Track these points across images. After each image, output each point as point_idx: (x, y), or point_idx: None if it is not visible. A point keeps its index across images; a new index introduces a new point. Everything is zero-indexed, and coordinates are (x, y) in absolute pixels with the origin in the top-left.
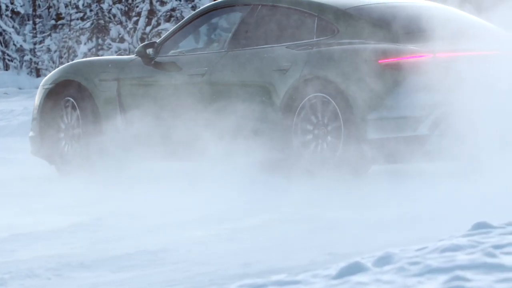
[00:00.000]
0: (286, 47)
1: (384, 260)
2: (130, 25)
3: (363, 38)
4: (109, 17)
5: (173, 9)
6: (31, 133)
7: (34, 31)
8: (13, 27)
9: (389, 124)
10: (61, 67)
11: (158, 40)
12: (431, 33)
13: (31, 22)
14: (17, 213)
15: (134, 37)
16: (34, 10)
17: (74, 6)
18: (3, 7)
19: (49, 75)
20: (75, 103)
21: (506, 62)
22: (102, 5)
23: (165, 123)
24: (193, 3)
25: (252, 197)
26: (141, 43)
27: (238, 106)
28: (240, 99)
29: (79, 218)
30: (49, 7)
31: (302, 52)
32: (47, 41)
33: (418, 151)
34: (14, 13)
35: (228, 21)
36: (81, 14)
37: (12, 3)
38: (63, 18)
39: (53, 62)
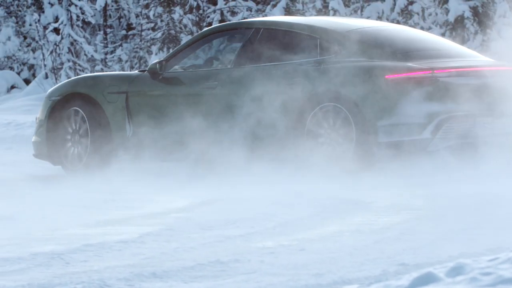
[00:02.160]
0: (295, 64)
1: (456, 271)
2: None
3: (362, 57)
4: (180, 28)
5: (244, 19)
6: (34, 138)
7: (105, 41)
8: (84, 37)
9: (397, 129)
10: (66, 81)
11: (164, 57)
12: (422, 52)
13: (102, 32)
14: (86, 224)
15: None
16: (105, 20)
17: (145, 16)
18: (74, 17)
19: (54, 88)
20: (83, 112)
21: (493, 76)
22: (173, 15)
23: (176, 130)
24: (263, 14)
25: (321, 208)
26: None
27: (250, 115)
28: (252, 109)
29: (150, 228)
30: (120, 17)
31: (312, 68)
32: (118, 51)
33: (421, 152)
34: (85, 23)
35: (230, 42)
36: (152, 24)
37: (83, 13)
38: (134, 28)
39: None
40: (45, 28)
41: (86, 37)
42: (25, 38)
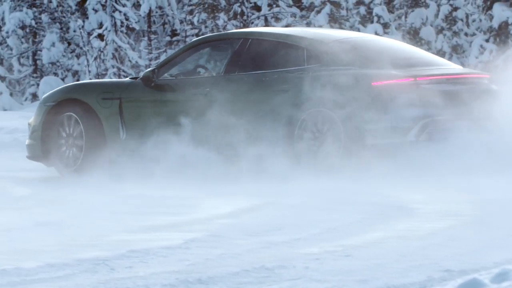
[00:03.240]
0: (284, 72)
1: (501, 277)
2: None
3: (347, 65)
4: None
5: (288, 25)
6: (29, 141)
7: (149, 47)
8: (128, 43)
9: (383, 132)
10: (60, 88)
11: (157, 65)
12: (403, 61)
13: (146, 38)
14: (131, 230)
15: None
16: (149, 26)
17: (189, 23)
18: (118, 23)
19: (48, 94)
20: (77, 117)
21: (469, 83)
22: (217, 21)
23: (169, 133)
24: (307, 20)
25: (366, 214)
26: None
27: (240, 120)
28: (242, 114)
29: (194, 234)
30: (164, 24)
31: (301, 75)
32: (163, 57)
33: (406, 153)
34: (129, 29)
35: (220, 51)
36: (196, 31)
37: (127, 19)
38: (178, 35)
39: None
40: (89, 34)
41: (131, 43)
42: (69, 44)
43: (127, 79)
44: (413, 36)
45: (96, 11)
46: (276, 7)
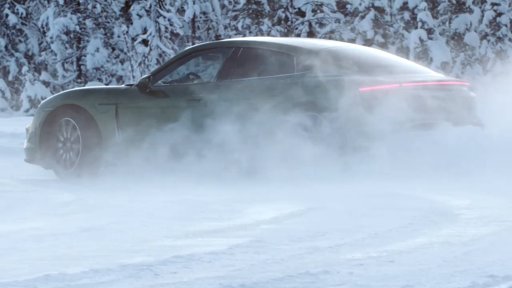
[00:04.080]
0: (274, 78)
1: None
2: None
3: (335, 72)
4: None
5: (332, 31)
6: (27, 145)
7: None
8: (172, 48)
9: (369, 135)
10: (57, 94)
11: (152, 72)
12: (388, 68)
13: (190, 43)
14: (175, 235)
15: None
16: (194, 31)
17: (233, 28)
18: (163, 28)
19: (46, 100)
20: (74, 122)
21: (449, 89)
22: (261, 27)
23: (161, 137)
24: (351, 25)
25: (410, 219)
26: None
27: (233, 125)
28: (234, 119)
29: (239, 240)
30: (208, 29)
31: (291, 82)
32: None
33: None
34: (173, 34)
35: (213, 59)
36: (241, 36)
37: (171, 25)
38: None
39: None
40: (133, 39)
41: (175, 48)
42: (113, 49)
43: (123, 85)
44: (457, 41)
45: (140, 16)
46: (320, 13)
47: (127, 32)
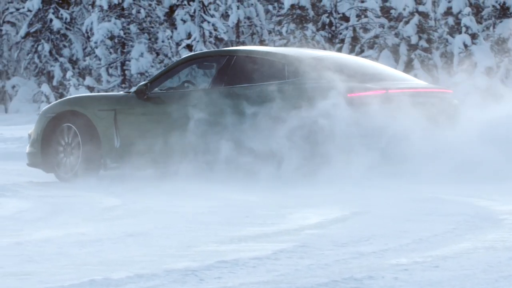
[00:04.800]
0: (266, 85)
1: None
2: None
3: (324, 79)
4: (313, 44)
5: (376, 36)
6: (29, 150)
7: None
8: None
9: (357, 138)
10: (59, 101)
11: (149, 80)
12: (374, 76)
13: None
14: (220, 240)
15: None
16: (238, 36)
17: (277, 33)
18: (207, 33)
19: (48, 107)
20: (75, 127)
21: (433, 96)
22: (305, 32)
23: (159, 141)
24: (396, 30)
25: (454, 224)
26: None
27: (227, 130)
28: (227, 124)
29: (283, 245)
30: (252, 34)
31: (282, 88)
32: None
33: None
34: (218, 39)
35: (208, 67)
36: (285, 41)
37: (215, 30)
38: (266, 45)
39: None
40: (177, 44)
41: None
42: (157, 54)
43: (122, 92)
44: (501, 46)
45: (184, 21)
46: (364, 18)
47: (171, 37)
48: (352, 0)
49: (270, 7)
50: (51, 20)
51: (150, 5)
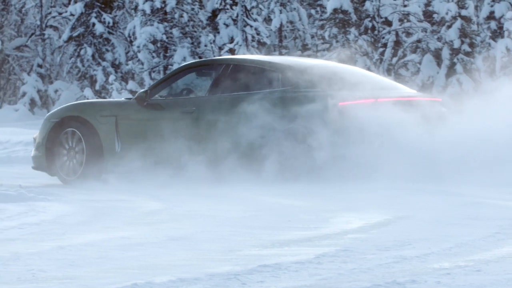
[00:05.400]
0: (261, 93)
1: None
2: (376, 56)
3: (316, 88)
4: (355, 48)
5: (418, 40)
6: (34, 153)
7: None
8: None
9: (347, 144)
10: (62, 106)
11: (149, 87)
12: (364, 85)
13: (277, 52)
14: (262, 244)
15: (380, 68)
16: (280, 41)
17: (320, 37)
18: (249, 37)
19: (52, 112)
20: (79, 132)
21: (421, 104)
22: (348, 36)
23: (157, 147)
24: (438, 35)
25: (497, 228)
26: (387, 74)
27: (223, 135)
28: (224, 130)
29: (326, 249)
30: (295, 38)
31: (276, 96)
32: None
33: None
34: (260, 44)
35: (205, 75)
36: (327, 45)
37: (258, 34)
38: (309, 49)
39: None
40: (220, 48)
41: None
42: (200, 58)
43: (123, 99)
44: None
45: (227, 25)
46: (407, 22)
47: (214, 41)
48: (395, 4)
49: (312, 11)
50: (93, 24)
51: (192, 9)
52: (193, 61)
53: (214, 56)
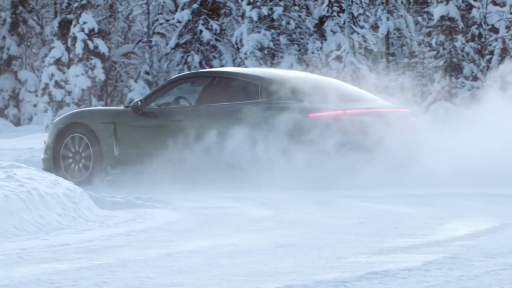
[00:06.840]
0: (242, 104)
1: None
2: (483, 64)
3: (292, 99)
4: (462, 56)
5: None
6: (43, 156)
7: (387, 69)
8: (366, 65)
9: (317, 154)
10: (68, 113)
11: (143, 97)
12: (336, 97)
13: (384, 60)
14: (370, 252)
15: (487, 75)
16: (387, 48)
17: (427, 44)
18: (356, 45)
19: (59, 118)
20: (85, 137)
21: (388, 115)
22: (455, 43)
23: (150, 152)
24: None
25: None
26: (494, 81)
27: (209, 141)
28: (209, 137)
29: (433, 256)
30: (402, 45)
31: (255, 107)
32: (401, 79)
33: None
34: (367, 51)
35: (194, 86)
36: (434, 53)
37: (365, 41)
38: (416, 56)
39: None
40: (327, 56)
41: (369, 65)
42: (307, 65)
43: (121, 107)
44: None
45: (334, 32)
46: None
47: (321, 48)
48: (502, 12)
49: (419, 18)
50: (200, 31)
51: (299, 16)
52: (184, 73)
53: (321, 63)
